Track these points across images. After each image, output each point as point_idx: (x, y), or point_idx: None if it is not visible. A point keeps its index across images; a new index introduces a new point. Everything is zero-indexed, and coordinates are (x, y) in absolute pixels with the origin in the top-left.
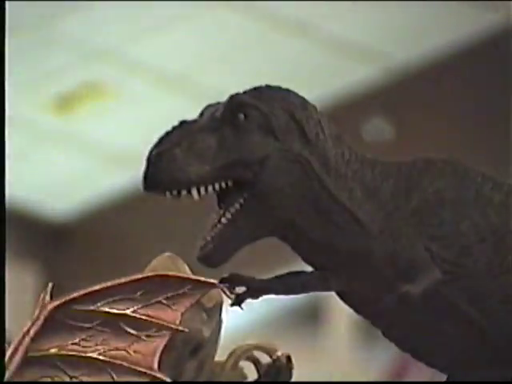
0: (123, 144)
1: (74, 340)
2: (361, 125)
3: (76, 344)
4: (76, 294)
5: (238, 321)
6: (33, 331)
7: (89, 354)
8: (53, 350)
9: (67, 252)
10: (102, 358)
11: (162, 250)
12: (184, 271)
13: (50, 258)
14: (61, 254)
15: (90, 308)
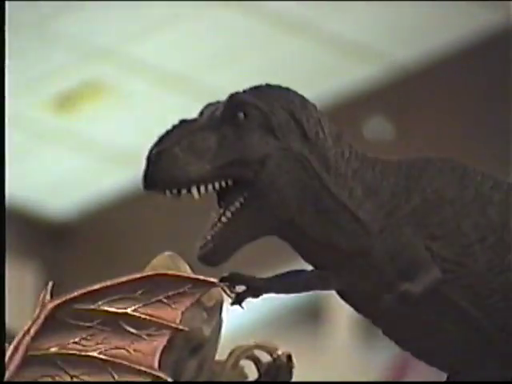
0: (124, 143)
1: (75, 339)
2: (361, 124)
3: (76, 343)
4: (76, 293)
5: (239, 320)
6: (33, 330)
7: (89, 353)
8: (53, 349)
9: (67, 251)
10: (103, 357)
11: (163, 249)
12: (184, 270)
13: (51, 257)
14: (61, 253)
15: (91, 307)
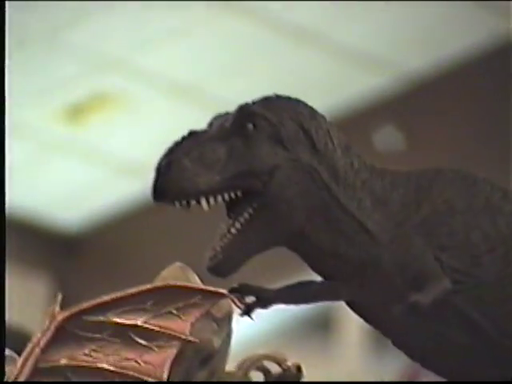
0: (134, 154)
1: (85, 351)
2: (372, 134)
3: (86, 355)
4: (86, 305)
5: (248, 331)
6: (43, 342)
7: (99, 365)
8: (63, 361)
9: (78, 262)
10: (113, 369)
11: (172, 260)
12: (194, 281)
13: (61, 268)
14: (72, 265)
15: (100, 319)
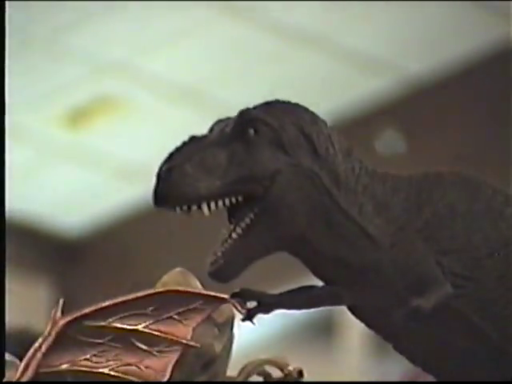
0: (135, 158)
1: (86, 356)
2: (374, 138)
3: (87, 360)
4: (87, 310)
5: (250, 335)
6: (44, 347)
7: (100, 370)
8: (64, 366)
9: (79, 266)
10: (114, 374)
11: (173, 265)
12: (195, 286)
13: (63, 273)
14: (73, 269)
15: (102, 324)
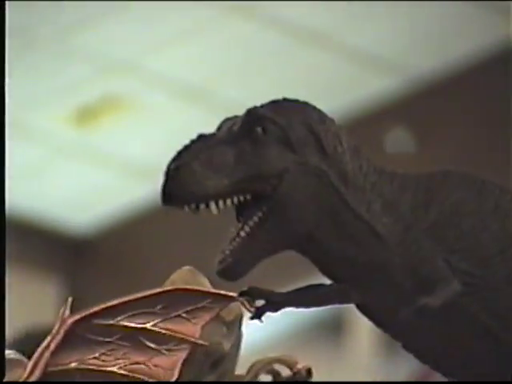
0: (144, 157)
1: (94, 354)
2: (383, 137)
3: (96, 358)
4: (96, 308)
5: (258, 334)
6: (53, 345)
7: (109, 369)
8: (73, 365)
9: (88, 265)
10: (122, 372)
11: (182, 264)
12: (204, 285)
13: (71, 272)
14: (82, 268)
15: (110, 322)
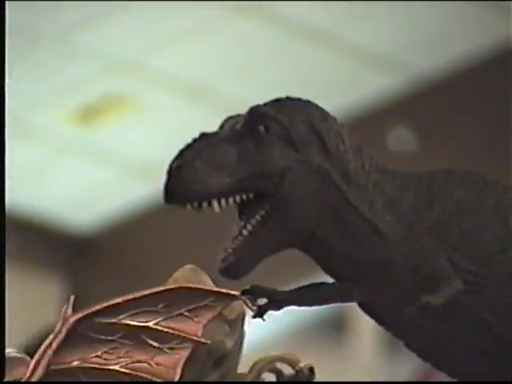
0: (146, 155)
1: (97, 353)
2: (385, 135)
3: (98, 357)
4: (98, 307)
5: (261, 332)
6: (55, 344)
7: (111, 367)
8: (75, 363)
9: (90, 264)
10: (125, 371)
11: (184, 262)
12: (206, 283)
13: (73, 270)
14: (84, 266)
15: (112, 321)
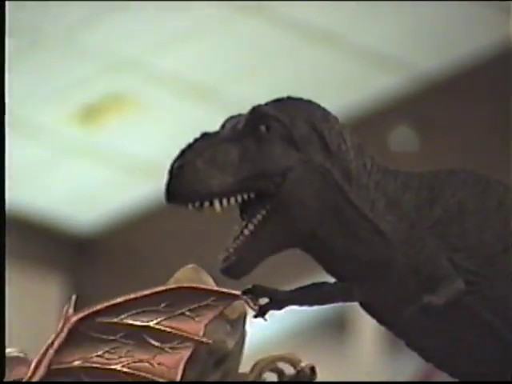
0: (147, 155)
1: (98, 352)
2: (387, 135)
3: (100, 356)
4: (100, 306)
5: (262, 332)
6: (56, 344)
7: (113, 367)
8: (76, 363)
9: (92, 263)
10: (126, 370)
11: (186, 262)
12: (208, 283)
13: (75, 270)
14: (85, 266)
15: (114, 320)
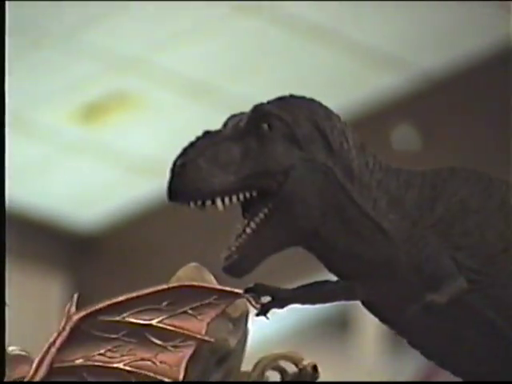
0: (150, 153)
1: (100, 351)
2: (389, 133)
3: (102, 355)
4: (102, 305)
5: (264, 330)
6: (58, 342)
7: (115, 365)
8: (79, 361)
9: (94, 262)
10: (128, 369)
11: (188, 260)
12: (210, 281)
13: (77, 268)
14: (87, 264)
15: (116, 318)
